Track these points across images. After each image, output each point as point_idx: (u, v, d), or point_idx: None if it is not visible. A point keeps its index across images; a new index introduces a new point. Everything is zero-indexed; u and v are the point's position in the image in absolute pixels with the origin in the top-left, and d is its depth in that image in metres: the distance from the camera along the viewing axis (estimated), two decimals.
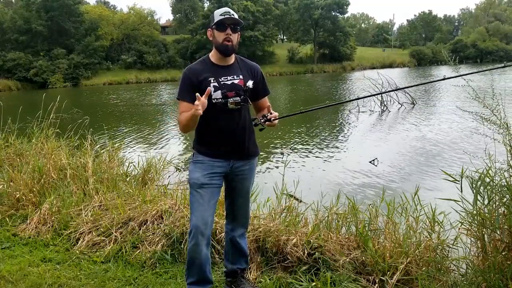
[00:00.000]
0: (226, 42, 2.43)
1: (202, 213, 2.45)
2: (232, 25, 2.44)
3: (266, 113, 2.54)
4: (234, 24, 2.44)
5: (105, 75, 45.07)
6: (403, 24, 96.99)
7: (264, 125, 2.53)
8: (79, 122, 5.96)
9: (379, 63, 57.14)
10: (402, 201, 3.16)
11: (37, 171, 4.61)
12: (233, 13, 2.45)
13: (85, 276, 3.09)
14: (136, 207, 3.85)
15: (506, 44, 65.81)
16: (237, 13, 2.52)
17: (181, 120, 2.43)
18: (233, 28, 2.45)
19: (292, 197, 3.87)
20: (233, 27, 2.44)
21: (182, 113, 2.44)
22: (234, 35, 2.45)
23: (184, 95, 2.47)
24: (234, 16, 2.44)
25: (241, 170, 2.59)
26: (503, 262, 2.42)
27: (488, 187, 2.50)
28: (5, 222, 4.13)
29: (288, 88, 30.31)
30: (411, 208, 3.08)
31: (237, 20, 2.44)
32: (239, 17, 2.50)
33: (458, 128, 10.73)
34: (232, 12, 2.45)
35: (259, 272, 2.99)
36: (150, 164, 5.57)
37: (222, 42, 2.44)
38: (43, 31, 43.57)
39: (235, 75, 2.50)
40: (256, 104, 2.68)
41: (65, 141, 5.65)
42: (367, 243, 2.94)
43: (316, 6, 58.24)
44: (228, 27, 2.43)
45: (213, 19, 2.45)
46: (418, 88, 23.36)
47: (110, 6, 68.42)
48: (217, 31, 2.45)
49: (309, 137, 10.87)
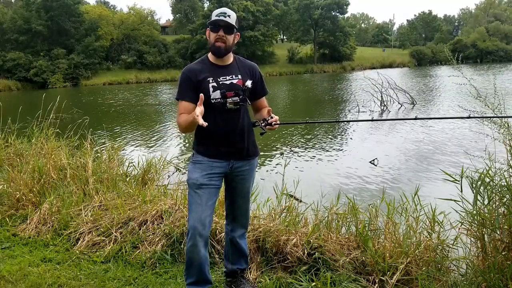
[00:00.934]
0: (217, 43, 2.42)
1: (200, 214, 2.45)
2: (225, 27, 2.41)
3: (266, 116, 2.49)
4: (227, 26, 2.41)
5: (105, 75, 45.07)
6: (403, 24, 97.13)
7: (264, 129, 2.51)
8: (79, 122, 5.96)
9: (379, 63, 57.15)
10: (402, 201, 3.16)
11: (37, 171, 4.60)
12: (230, 14, 2.42)
13: (85, 276, 3.09)
14: (136, 207, 3.85)
15: (506, 44, 65.78)
16: (237, 13, 2.49)
17: (180, 122, 2.42)
18: (227, 30, 2.42)
19: (292, 197, 3.87)
20: (226, 28, 2.41)
21: (181, 115, 2.42)
22: (229, 37, 2.43)
23: (183, 95, 2.46)
24: (229, 17, 2.40)
25: (241, 170, 2.58)
26: (503, 262, 2.42)
27: (488, 187, 2.50)
28: (5, 222, 4.13)
29: (288, 88, 30.30)
30: (411, 208, 3.08)
31: (229, 24, 2.40)
32: (238, 17, 2.49)
33: (458, 128, 10.73)
34: (229, 13, 2.41)
35: (259, 272, 2.99)
36: (150, 164, 5.57)
37: (214, 42, 2.43)
38: (43, 31, 43.58)
39: (233, 75, 2.49)
40: (254, 104, 2.67)
41: (65, 141, 5.65)
42: (367, 243, 2.93)
43: (316, 6, 58.27)
44: (221, 28, 2.40)
45: (210, 19, 2.45)
46: (417, 88, 23.39)
47: (110, 6, 68.52)
48: (210, 31, 2.44)
49: (309, 137, 10.87)
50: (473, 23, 79.30)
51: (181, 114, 2.43)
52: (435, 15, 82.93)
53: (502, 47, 63.50)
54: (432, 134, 10.44)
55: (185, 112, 2.41)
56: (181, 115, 2.42)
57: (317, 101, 20.87)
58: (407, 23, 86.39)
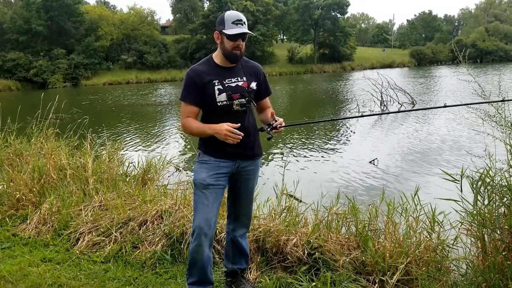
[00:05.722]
0: (235, 50, 2.41)
1: (206, 214, 2.46)
2: (244, 35, 2.40)
3: (271, 120, 2.51)
4: (245, 35, 2.40)
5: (105, 75, 45.06)
6: (403, 24, 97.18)
7: (270, 134, 2.52)
8: (79, 122, 5.96)
9: (379, 63, 57.12)
10: (402, 201, 3.16)
11: (37, 171, 4.60)
12: (245, 21, 2.40)
13: (85, 276, 3.09)
14: (136, 207, 3.85)
15: (506, 44, 65.77)
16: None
17: (190, 127, 2.45)
18: (244, 38, 2.42)
19: (292, 197, 3.87)
20: (244, 37, 2.41)
21: (187, 118, 2.45)
22: (243, 43, 2.43)
23: (188, 98, 2.46)
24: (245, 24, 2.38)
25: (247, 170, 2.59)
26: (503, 262, 2.42)
27: (489, 187, 2.50)
28: (5, 222, 4.13)
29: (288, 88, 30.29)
30: (411, 208, 3.07)
31: (248, 33, 2.39)
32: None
33: (458, 127, 10.73)
34: (244, 20, 2.39)
35: (259, 272, 2.98)
36: (150, 164, 5.57)
37: (231, 50, 2.41)
38: (43, 31, 43.58)
39: (239, 77, 2.49)
40: (258, 104, 2.67)
41: (65, 141, 5.65)
42: (367, 243, 2.93)
43: (316, 6, 58.29)
44: (239, 38, 2.39)
45: (223, 24, 2.38)
46: (417, 88, 23.40)
47: (110, 6, 68.54)
48: (227, 39, 2.39)
49: (309, 137, 10.87)
50: (473, 23, 79.39)
51: (187, 117, 2.46)
52: (435, 15, 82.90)
53: (502, 47, 63.47)
54: (432, 134, 10.44)
55: (190, 115, 2.45)
56: (188, 118, 2.45)
57: (317, 102, 20.87)
58: (407, 23, 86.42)
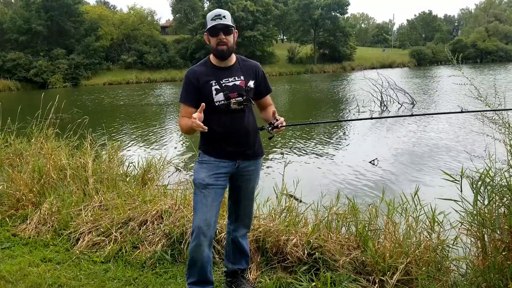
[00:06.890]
0: (219, 46, 2.42)
1: (205, 214, 2.46)
2: (224, 29, 2.41)
3: (272, 119, 2.53)
4: (225, 28, 2.41)
5: (105, 75, 45.03)
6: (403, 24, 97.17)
7: (272, 133, 2.53)
8: (79, 122, 5.96)
9: (379, 63, 57.07)
10: (402, 201, 3.16)
11: (37, 171, 4.60)
12: (224, 15, 2.41)
13: (85, 276, 3.09)
14: (136, 207, 3.85)
15: (506, 44, 65.76)
16: (236, 13, 2.49)
17: (181, 124, 2.49)
18: (226, 31, 2.42)
19: (292, 197, 3.87)
20: (225, 30, 2.41)
21: (183, 118, 2.48)
22: (228, 37, 2.43)
23: (186, 98, 2.49)
24: (225, 18, 2.39)
25: (247, 170, 2.59)
26: (503, 262, 2.42)
27: (488, 187, 2.50)
28: (5, 222, 4.13)
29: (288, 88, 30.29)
30: (411, 208, 3.08)
31: (227, 25, 2.40)
32: (237, 16, 2.50)
33: (458, 128, 10.73)
34: (223, 14, 2.40)
35: (259, 272, 2.99)
36: (150, 164, 5.57)
37: (216, 47, 2.43)
38: (43, 31, 43.53)
39: (236, 77, 2.50)
40: (259, 102, 2.69)
41: (65, 141, 5.64)
42: (367, 243, 2.94)
43: (316, 6, 58.23)
44: (220, 32, 2.40)
45: (206, 23, 2.44)
46: (417, 88, 23.40)
47: (110, 6, 68.43)
48: (210, 36, 2.44)
49: (309, 137, 10.87)
50: (473, 23, 79.29)
51: (182, 117, 2.49)
52: (435, 15, 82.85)
53: (502, 47, 63.44)
54: (432, 133, 10.44)
55: (187, 115, 2.46)
56: (183, 118, 2.48)
57: (317, 102, 20.86)
58: (407, 23, 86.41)
